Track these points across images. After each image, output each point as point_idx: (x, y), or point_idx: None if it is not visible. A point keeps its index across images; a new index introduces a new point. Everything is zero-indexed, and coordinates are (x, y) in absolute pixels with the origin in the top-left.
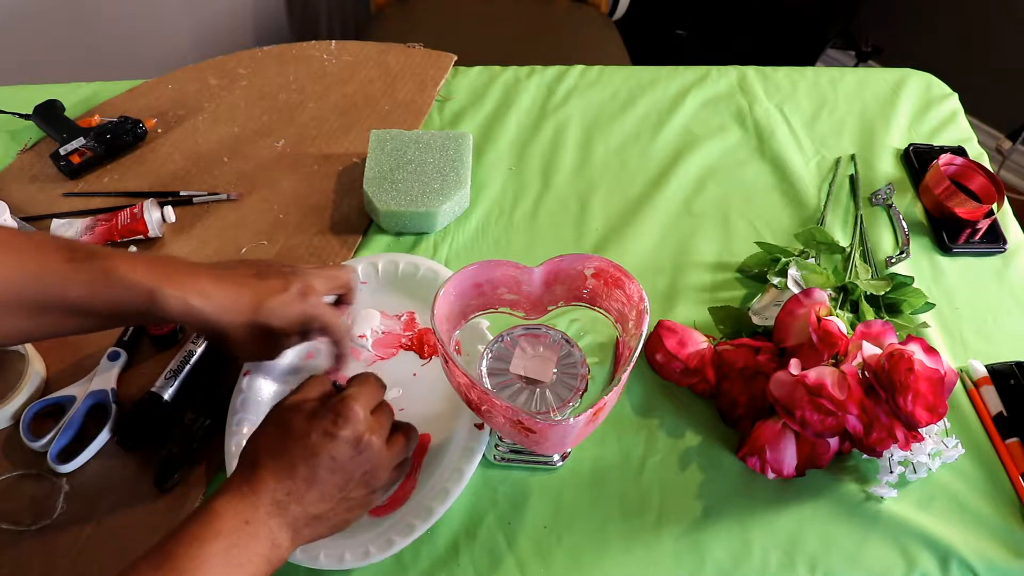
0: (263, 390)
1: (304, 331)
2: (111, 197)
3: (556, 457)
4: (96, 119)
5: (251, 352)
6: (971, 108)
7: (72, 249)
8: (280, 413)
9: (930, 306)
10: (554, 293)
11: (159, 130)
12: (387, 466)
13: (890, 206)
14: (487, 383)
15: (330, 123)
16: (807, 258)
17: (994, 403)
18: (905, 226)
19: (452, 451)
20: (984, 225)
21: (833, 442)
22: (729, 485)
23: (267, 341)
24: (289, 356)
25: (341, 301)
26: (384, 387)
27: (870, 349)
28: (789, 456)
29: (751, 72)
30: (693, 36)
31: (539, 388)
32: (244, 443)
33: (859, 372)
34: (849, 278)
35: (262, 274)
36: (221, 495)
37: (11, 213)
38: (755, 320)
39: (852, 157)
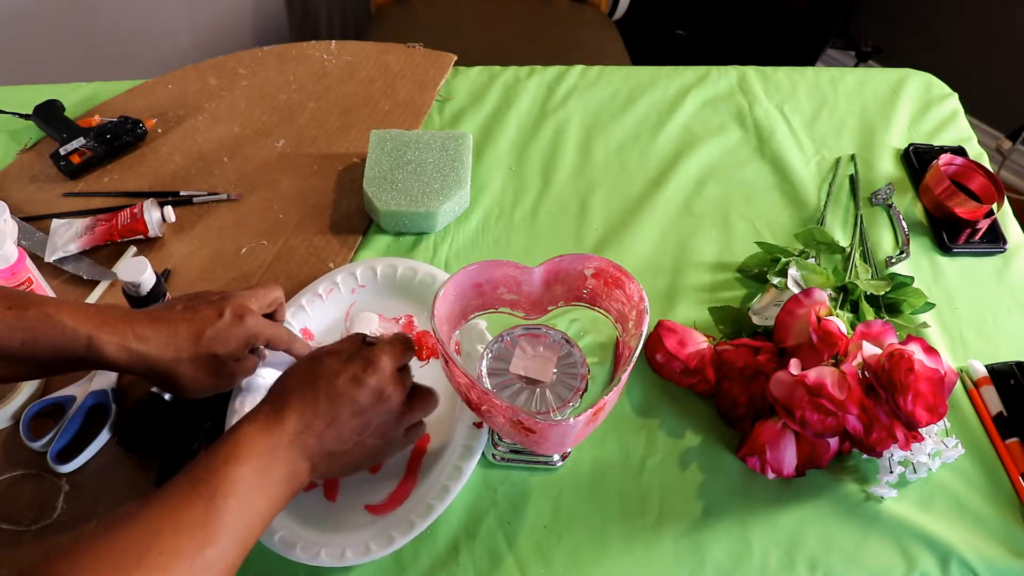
0: (263, 390)
1: (252, 351)
2: (111, 197)
3: (556, 457)
4: (96, 119)
5: (203, 386)
6: (971, 108)
7: (10, 297)
8: (315, 355)
9: (930, 306)
10: (554, 293)
11: (159, 130)
12: (403, 422)
13: (890, 206)
14: (487, 383)
15: (330, 123)
16: (807, 258)
17: (994, 403)
18: (905, 226)
19: (451, 450)
20: (984, 225)
21: (833, 442)
22: (729, 485)
23: (215, 371)
24: (286, 361)
25: (271, 318)
26: (413, 350)
27: (870, 349)
28: (789, 456)
29: (751, 72)
30: (693, 36)
31: (539, 388)
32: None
33: (859, 372)
34: (849, 278)
35: (193, 307)
36: (249, 423)
37: (11, 213)
38: (755, 320)
39: (852, 157)
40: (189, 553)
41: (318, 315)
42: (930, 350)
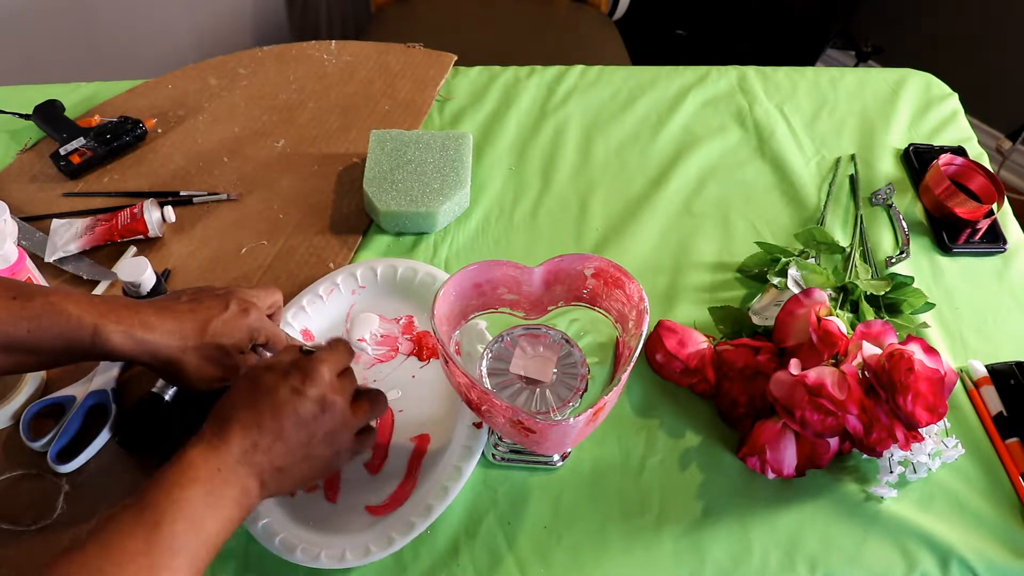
0: None
1: (253, 349)
2: (111, 197)
3: (556, 457)
4: (96, 119)
5: (207, 377)
6: (971, 108)
7: (15, 287)
8: (253, 372)
9: (930, 306)
10: (554, 293)
11: (159, 130)
12: (350, 427)
13: (890, 206)
14: (487, 383)
15: (330, 123)
16: (807, 258)
17: (994, 403)
18: (905, 226)
19: (451, 450)
20: (984, 225)
21: (833, 442)
22: (729, 485)
23: (220, 362)
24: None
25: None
26: (352, 353)
27: (870, 349)
28: (789, 456)
29: (751, 72)
30: (693, 36)
31: (539, 388)
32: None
33: (859, 372)
34: (849, 278)
35: (198, 299)
36: (194, 446)
37: (11, 213)
38: (755, 320)
39: (852, 157)
40: None
41: (319, 316)
42: (930, 350)
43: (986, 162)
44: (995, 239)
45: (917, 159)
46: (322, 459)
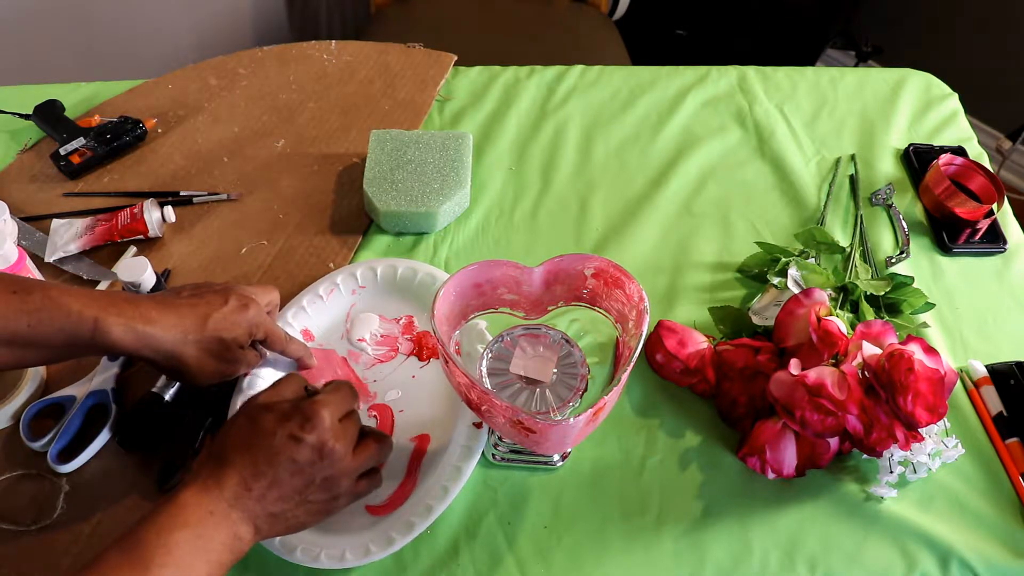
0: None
1: (253, 345)
2: (111, 197)
3: (556, 457)
4: (96, 119)
5: (208, 370)
6: (971, 108)
7: (15, 282)
8: (251, 410)
9: (930, 306)
10: (554, 293)
11: (159, 130)
12: (350, 474)
13: (890, 206)
14: (487, 383)
15: (330, 123)
16: (807, 258)
17: (994, 403)
18: (905, 226)
19: (451, 451)
20: (984, 225)
21: (833, 442)
22: (729, 485)
23: (220, 356)
24: (285, 363)
25: None
26: (356, 396)
27: (870, 349)
28: (789, 456)
29: (751, 72)
30: (693, 36)
31: (539, 388)
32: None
33: (859, 372)
34: (849, 278)
35: (198, 294)
36: (187, 487)
37: (11, 213)
38: (755, 320)
39: (852, 157)
40: None
41: (319, 316)
42: (930, 350)
43: (986, 162)
44: (995, 239)
45: (917, 159)
46: (319, 504)
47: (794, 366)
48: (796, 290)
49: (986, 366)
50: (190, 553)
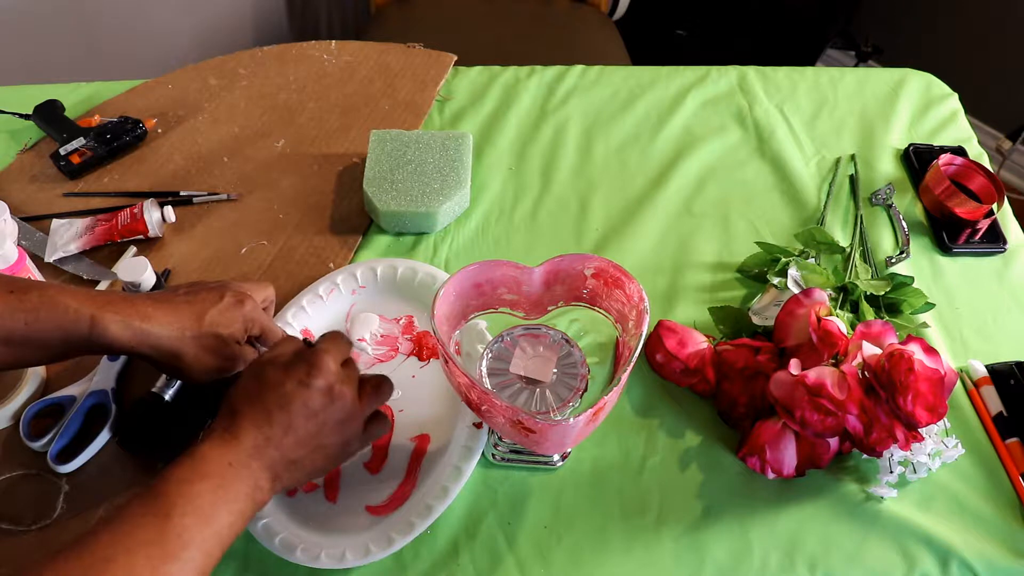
0: None
1: (251, 342)
2: (111, 197)
3: (556, 457)
4: (96, 119)
5: (206, 366)
6: (971, 108)
7: (11, 282)
8: (256, 367)
9: (930, 306)
10: (554, 293)
11: (159, 130)
12: (359, 415)
13: (890, 206)
14: (487, 383)
15: (330, 123)
16: (807, 258)
17: (994, 403)
18: (905, 226)
19: (451, 451)
20: (984, 225)
21: (833, 442)
22: (729, 485)
23: (218, 351)
24: None
25: None
26: (351, 344)
27: (870, 349)
28: (789, 456)
29: (751, 72)
30: (693, 36)
31: (539, 388)
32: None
33: (859, 372)
34: (849, 278)
35: (194, 292)
36: (205, 441)
37: (11, 213)
38: (755, 320)
39: (852, 157)
40: (145, 572)
41: (319, 316)
42: (930, 350)
43: (986, 162)
44: (995, 239)
45: (917, 159)
46: (333, 448)
47: (794, 366)
48: (796, 290)
49: (986, 366)
50: (211, 503)
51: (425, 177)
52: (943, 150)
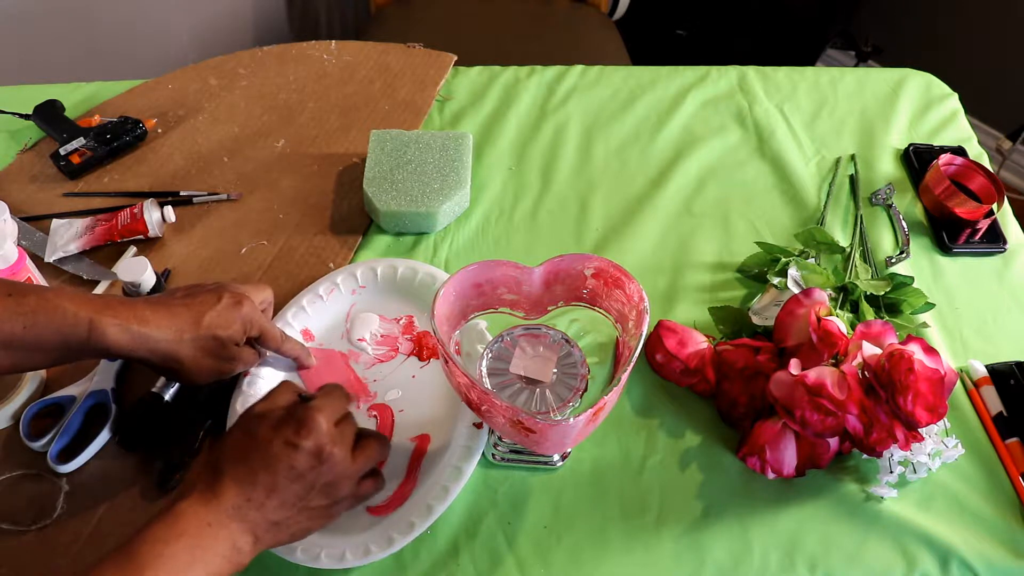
0: (263, 391)
1: (249, 343)
2: (111, 197)
3: (556, 457)
4: (96, 119)
5: (205, 369)
6: (971, 108)
7: (9, 285)
8: (246, 421)
9: (930, 306)
10: (554, 293)
11: (159, 130)
12: (350, 477)
13: (890, 206)
14: (487, 383)
15: (330, 123)
16: (807, 258)
17: (994, 403)
18: (905, 226)
19: (451, 451)
20: (984, 225)
21: (833, 442)
22: (729, 485)
23: (216, 354)
24: (284, 363)
25: None
26: (350, 399)
27: (870, 349)
28: (789, 456)
29: (751, 72)
30: (693, 36)
31: (539, 388)
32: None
33: (859, 372)
34: (849, 278)
35: (191, 294)
36: (184, 498)
37: (11, 213)
38: (755, 320)
39: (852, 157)
40: None
41: (319, 316)
42: (930, 350)
43: (986, 162)
44: (995, 239)
45: (917, 159)
46: (319, 509)
47: (794, 366)
48: (796, 290)
49: (986, 366)
50: (187, 564)
51: (425, 177)
52: (943, 150)
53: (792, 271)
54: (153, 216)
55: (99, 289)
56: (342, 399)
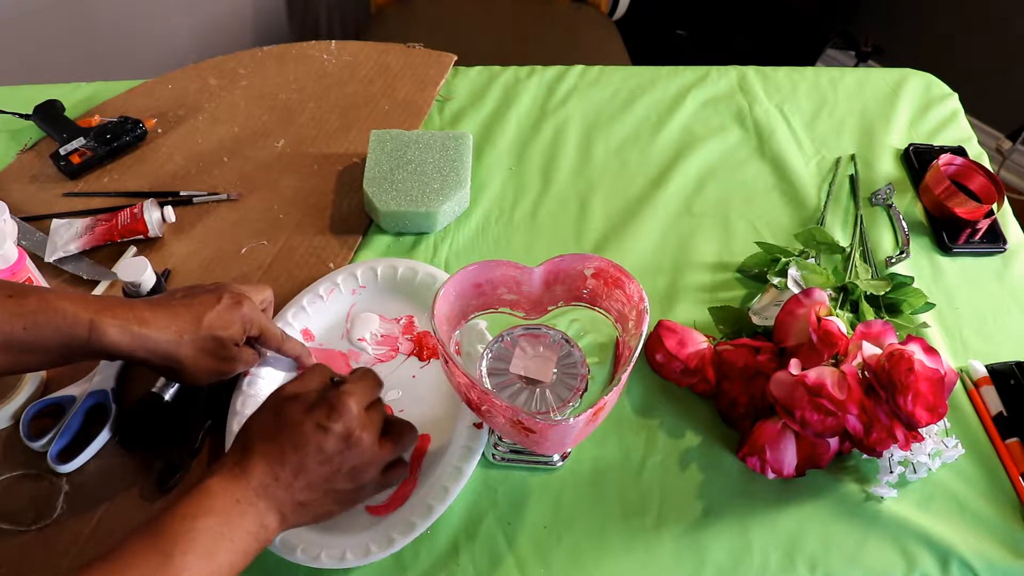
0: (263, 391)
1: (249, 343)
2: (111, 197)
3: (556, 457)
4: (96, 119)
5: (205, 369)
6: (971, 108)
7: (9, 286)
8: (277, 401)
9: (930, 306)
10: (554, 293)
11: (159, 130)
12: (376, 463)
13: (890, 206)
14: (487, 383)
15: (330, 123)
16: (807, 258)
17: (994, 403)
18: (905, 226)
19: (451, 451)
20: (984, 225)
21: (833, 442)
22: (729, 485)
23: (216, 354)
24: (285, 363)
25: None
26: (381, 384)
27: (870, 349)
28: (789, 456)
29: (751, 72)
30: (693, 36)
31: (539, 388)
32: (242, 423)
33: (859, 372)
34: (849, 278)
35: (192, 295)
36: (213, 475)
37: (11, 213)
38: (755, 320)
39: (852, 157)
40: None
41: (319, 316)
42: (930, 350)
43: (986, 162)
44: (995, 239)
45: (917, 159)
46: (345, 493)
47: (794, 366)
48: (796, 290)
49: (986, 366)
50: (214, 541)
51: (425, 177)
52: (943, 150)
53: (792, 271)
54: (153, 216)
55: (99, 289)
56: (373, 384)
